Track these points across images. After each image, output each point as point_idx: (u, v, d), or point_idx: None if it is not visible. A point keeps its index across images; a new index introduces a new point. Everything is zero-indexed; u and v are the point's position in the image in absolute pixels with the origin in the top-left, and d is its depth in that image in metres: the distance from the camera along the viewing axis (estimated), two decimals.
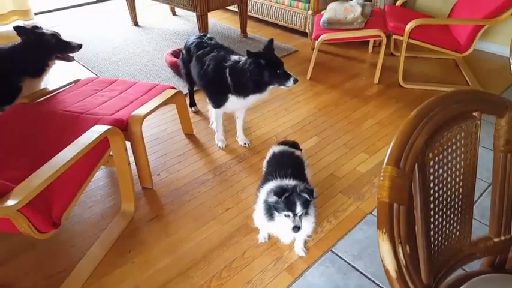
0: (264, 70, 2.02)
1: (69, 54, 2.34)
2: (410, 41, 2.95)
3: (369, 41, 3.75)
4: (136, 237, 1.84)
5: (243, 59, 2.11)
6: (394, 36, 3.19)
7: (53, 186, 1.43)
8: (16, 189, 1.29)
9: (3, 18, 3.93)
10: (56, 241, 1.75)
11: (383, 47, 3.10)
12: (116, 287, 1.61)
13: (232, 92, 2.14)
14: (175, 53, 3.40)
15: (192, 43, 2.43)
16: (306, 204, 1.48)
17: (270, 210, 1.53)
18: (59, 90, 2.21)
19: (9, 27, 3.95)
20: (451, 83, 3.20)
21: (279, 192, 1.46)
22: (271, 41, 2.10)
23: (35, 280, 1.63)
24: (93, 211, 1.98)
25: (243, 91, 2.12)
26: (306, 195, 1.47)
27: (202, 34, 2.54)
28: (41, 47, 2.19)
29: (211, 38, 2.47)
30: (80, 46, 2.34)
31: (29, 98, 2.07)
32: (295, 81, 2.04)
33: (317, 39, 3.12)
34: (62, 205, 1.50)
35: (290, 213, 1.47)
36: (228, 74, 2.11)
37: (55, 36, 2.25)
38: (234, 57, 2.15)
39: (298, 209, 1.46)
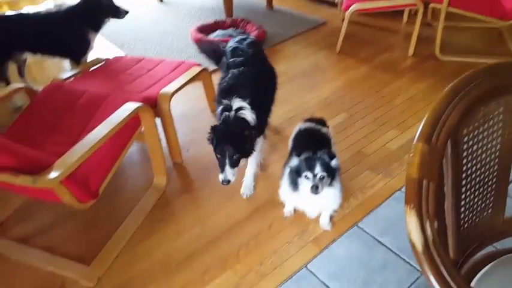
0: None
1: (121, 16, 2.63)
2: (450, 9, 2.76)
3: (403, 10, 3.57)
4: (168, 208, 1.92)
5: (244, 109, 1.70)
6: (431, 5, 3.02)
7: (91, 160, 1.50)
8: (57, 162, 1.38)
9: (13, 4, 4.00)
10: (94, 211, 1.85)
11: (419, 17, 2.93)
12: (149, 253, 1.71)
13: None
14: (201, 29, 3.40)
15: (230, 47, 2.08)
16: (327, 169, 1.50)
17: (295, 180, 1.55)
18: (90, 69, 2.28)
19: (41, 7, 4.04)
20: (494, 54, 3.00)
21: (299, 152, 1.53)
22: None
23: (76, 246, 1.75)
24: (128, 184, 2.07)
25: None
26: (326, 157, 1.50)
27: (242, 37, 2.14)
28: (101, 6, 2.53)
29: (250, 45, 2.04)
30: (126, 12, 2.64)
31: (63, 77, 2.16)
32: None
33: (348, 10, 3.00)
34: (99, 177, 1.59)
35: (309, 174, 1.49)
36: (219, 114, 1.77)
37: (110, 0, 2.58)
38: (236, 102, 1.71)
39: (318, 169, 1.48)
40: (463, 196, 0.82)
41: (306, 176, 1.50)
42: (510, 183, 0.94)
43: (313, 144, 1.68)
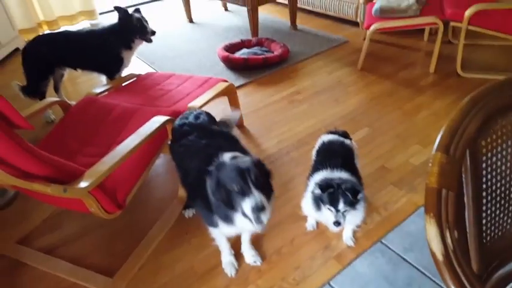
0: None
1: (148, 37, 2.68)
2: (470, 27, 2.78)
3: (424, 28, 3.59)
4: (193, 220, 1.95)
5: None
6: (452, 23, 3.03)
7: (119, 172, 1.56)
8: (87, 173, 1.44)
9: (72, 18, 4.30)
10: (120, 222, 1.91)
11: (440, 35, 2.95)
12: (172, 265, 1.74)
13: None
14: (227, 48, 3.50)
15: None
16: (351, 203, 1.47)
17: (317, 201, 1.55)
18: (123, 84, 2.39)
19: (77, 26, 4.31)
20: None
21: (324, 186, 1.48)
22: None
23: (100, 256, 1.80)
24: (154, 196, 2.13)
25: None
26: (350, 196, 1.45)
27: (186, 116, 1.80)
28: (131, 26, 2.61)
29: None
30: (153, 32, 2.69)
31: (96, 91, 2.28)
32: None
33: (369, 29, 3.05)
34: (126, 188, 1.64)
35: (332, 208, 1.48)
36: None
37: (139, 20, 2.63)
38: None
39: (341, 206, 1.46)
40: (484, 208, 0.82)
41: (329, 209, 1.50)
42: None
43: (336, 156, 1.69)
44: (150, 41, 2.70)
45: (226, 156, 1.39)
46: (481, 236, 0.83)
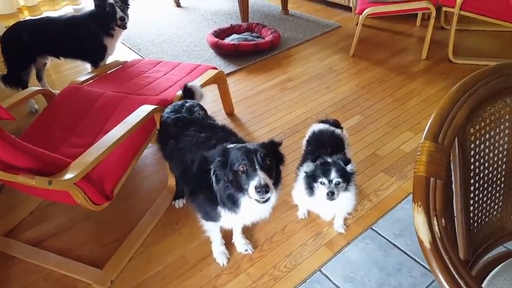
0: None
1: (118, 23, 2.50)
2: (462, 13, 2.76)
3: (417, 13, 3.56)
4: (183, 210, 1.94)
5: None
6: (444, 8, 3.02)
7: (106, 162, 1.54)
8: (73, 164, 1.40)
9: (55, 3, 4.15)
10: (109, 214, 1.88)
11: (432, 20, 2.93)
12: (163, 256, 1.73)
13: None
14: (216, 33, 3.44)
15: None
16: (343, 175, 1.48)
17: (310, 185, 1.54)
18: (108, 72, 2.34)
19: (60, 12, 4.18)
20: (506, 57, 2.98)
21: (314, 158, 1.52)
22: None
23: (91, 248, 1.78)
24: (143, 186, 2.10)
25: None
26: (341, 163, 1.48)
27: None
28: (104, 11, 2.47)
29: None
30: (122, 18, 2.49)
31: (80, 80, 2.22)
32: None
33: (361, 14, 3.01)
34: (113, 179, 1.62)
35: (325, 180, 1.48)
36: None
37: (112, 5, 2.46)
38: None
39: (333, 175, 1.47)
40: (472, 195, 0.81)
41: (321, 182, 1.49)
42: None
43: (326, 146, 1.68)
44: (122, 27, 2.53)
45: (232, 145, 1.36)
46: (469, 223, 0.83)
